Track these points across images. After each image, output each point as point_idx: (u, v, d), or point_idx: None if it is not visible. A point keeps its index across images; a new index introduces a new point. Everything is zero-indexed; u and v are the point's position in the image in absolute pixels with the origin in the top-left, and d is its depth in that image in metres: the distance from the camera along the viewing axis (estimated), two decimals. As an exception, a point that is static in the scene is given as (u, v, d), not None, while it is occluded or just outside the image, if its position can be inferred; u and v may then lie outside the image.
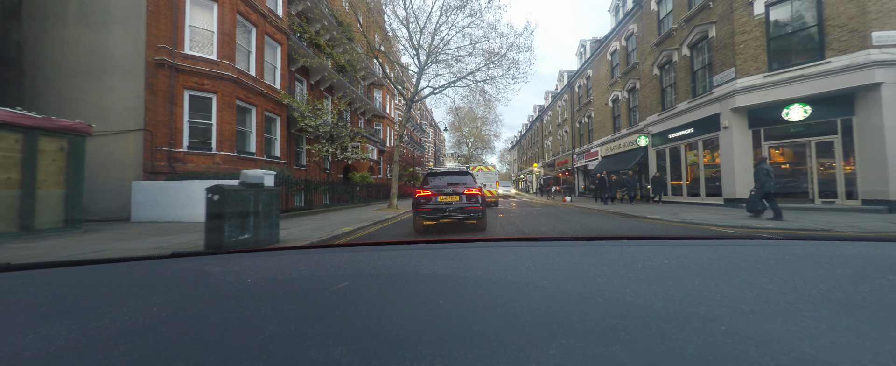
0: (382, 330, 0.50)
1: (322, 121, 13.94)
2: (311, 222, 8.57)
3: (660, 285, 0.69)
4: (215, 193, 4.40)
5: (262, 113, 12.42)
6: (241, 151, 11.49)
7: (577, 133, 27.82)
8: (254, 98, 11.98)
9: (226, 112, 10.65)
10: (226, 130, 10.64)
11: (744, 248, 1.04)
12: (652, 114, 15.81)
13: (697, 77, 12.94)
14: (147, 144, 9.26)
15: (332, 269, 0.89)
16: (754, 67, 10.39)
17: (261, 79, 12.41)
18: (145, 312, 0.59)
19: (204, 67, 10.23)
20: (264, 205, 5.11)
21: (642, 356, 0.41)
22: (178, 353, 0.44)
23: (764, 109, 10.41)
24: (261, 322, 0.54)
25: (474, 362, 0.40)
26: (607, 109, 21.56)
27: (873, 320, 0.51)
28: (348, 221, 8.91)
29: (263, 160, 12.23)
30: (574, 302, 0.61)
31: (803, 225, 6.73)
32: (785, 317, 0.52)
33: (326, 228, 7.66)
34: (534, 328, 0.49)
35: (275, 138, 13.57)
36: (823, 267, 0.80)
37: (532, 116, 51.13)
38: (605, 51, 21.72)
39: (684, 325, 0.50)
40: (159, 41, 9.47)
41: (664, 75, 15.11)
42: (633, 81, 18.00)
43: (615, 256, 0.97)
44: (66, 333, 0.51)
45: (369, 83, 27.58)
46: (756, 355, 0.41)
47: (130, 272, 0.90)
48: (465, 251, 1.08)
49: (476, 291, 0.70)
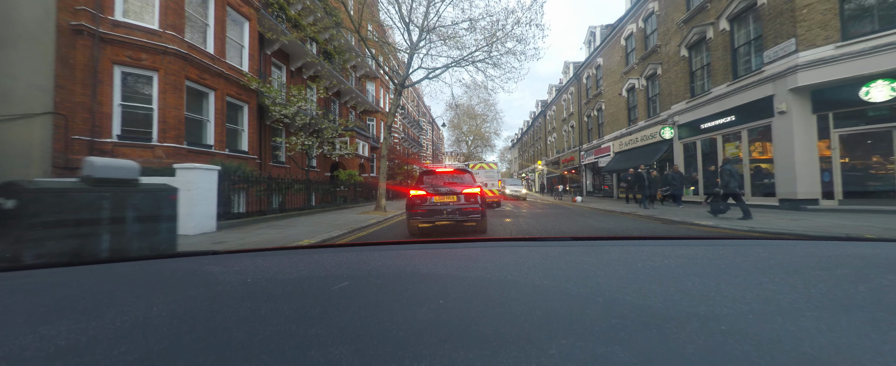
0: (382, 330, 0.50)
1: (297, 109, 11.93)
2: (262, 233, 6.57)
3: (660, 284, 0.69)
4: (7, 197, 2.44)
5: (222, 99, 10.41)
6: (193, 142, 9.49)
7: (585, 128, 25.84)
8: (211, 80, 9.97)
9: (171, 95, 8.65)
10: (171, 116, 8.64)
11: (744, 248, 1.04)
12: (678, 102, 13.84)
13: (739, 55, 10.97)
14: (59, 131, 7.26)
15: (332, 269, 0.88)
16: (823, 37, 8.41)
17: (221, 58, 10.41)
18: (145, 312, 0.58)
19: (141, 38, 8.23)
20: (136, 210, 3.18)
21: (642, 356, 0.41)
22: (178, 353, 0.44)
23: (834, 89, 8.44)
24: (261, 322, 0.53)
25: (474, 362, 0.40)
26: (621, 99, 19.58)
27: (873, 320, 0.50)
28: (316, 230, 6.93)
29: (224, 154, 10.23)
30: (574, 302, 0.61)
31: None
32: (785, 317, 0.52)
33: (280, 240, 5.69)
34: (534, 328, 0.49)
35: (242, 130, 11.57)
36: (823, 267, 0.80)
37: (534, 113, 49.15)
38: (619, 35, 19.73)
39: (684, 325, 0.49)
40: (78, 2, 7.47)
41: (694, 56, 13.13)
42: (653, 67, 16.03)
43: (615, 256, 0.96)
44: (66, 333, 0.50)
45: (361, 74, 25.58)
46: (756, 355, 0.41)
47: (130, 272, 0.91)
48: (465, 251, 1.09)
49: (476, 291, 0.70)
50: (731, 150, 11.28)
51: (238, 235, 6.29)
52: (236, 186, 8.15)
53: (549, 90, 39.61)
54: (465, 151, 46.24)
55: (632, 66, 18.22)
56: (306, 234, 6.43)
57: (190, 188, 6.27)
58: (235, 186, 8.12)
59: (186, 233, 6.03)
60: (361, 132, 21.04)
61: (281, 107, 11.60)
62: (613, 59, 20.70)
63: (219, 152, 10.11)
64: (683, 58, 13.46)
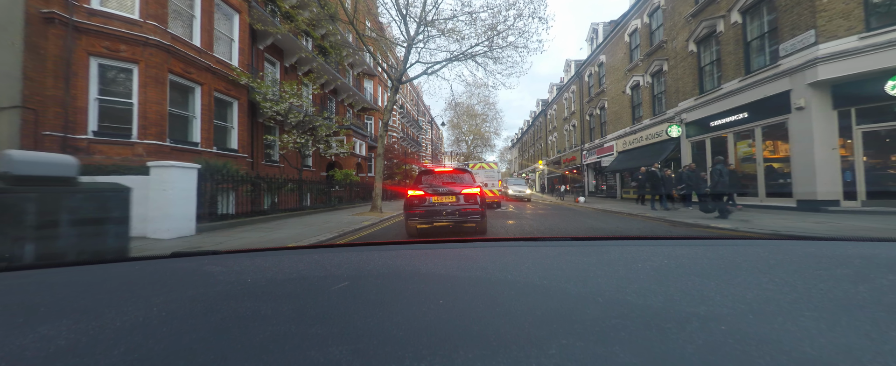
0: (382, 330, 0.50)
1: (289, 105, 11.43)
2: (244, 237, 6.06)
3: (660, 284, 0.68)
4: None
5: (209, 94, 9.90)
6: (178, 140, 8.98)
7: (588, 127, 25.35)
8: (198, 74, 9.46)
9: (152, 89, 8.14)
10: (152, 111, 8.13)
11: (744, 248, 1.03)
12: (686, 99, 13.35)
13: (752, 49, 10.48)
14: (28, 126, 6.74)
15: (332, 269, 0.88)
16: (845, 28, 7.92)
17: (208, 51, 9.91)
18: (145, 312, 0.58)
19: (120, 29, 7.72)
20: (74, 213, 2.69)
21: (642, 356, 0.40)
22: (178, 353, 0.44)
23: (857, 83, 7.95)
24: (261, 322, 0.53)
25: (474, 362, 0.40)
26: (625, 97, 19.10)
27: (873, 320, 0.50)
28: (305, 233, 6.42)
29: (212, 153, 9.72)
30: (574, 302, 0.61)
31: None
32: (785, 317, 0.52)
33: (262, 245, 5.19)
34: (534, 328, 0.49)
35: (231, 127, 11.06)
36: (823, 267, 0.80)
37: (535, 112, 48.67)
38: (623, 31, 19.25)
39: (684, 325, 0.49)
40: (49, -12, 6.97)
41: (703, 51, 12.64)
42: (658, 63, 15.54)
43: (615, 256, 0.95)
44: (66, 333, 0.50)
45: (359, 72, 25.07)
46: (756, 355, 0.40)
47: (130, 272, 0.90)
48: (465, 251, 1.08)
49: (476, 291, 0.69)
50: (744, 148, 10.78)
51: (217, 238, 5.78)
52: (221, 185, 7.64)
53: (549, 89, 39.12)
54: (464, 151, 45.71)
55: (636, 63, 17.73)
56: (293, 237, 5.92)
57: (166, 188, 5.76)
58: (221, 185, 7.61)
59: (160, 237, 5.52)
60: (359, 131, 20.54)
61: (272, 103, 11.09)
62: (617, 57, 20.21)
63: (205, 150, 9.60)
64: (692, 53, 12.97)
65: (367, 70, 25.03)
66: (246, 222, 7.99)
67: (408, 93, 41.72)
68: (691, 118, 13.00)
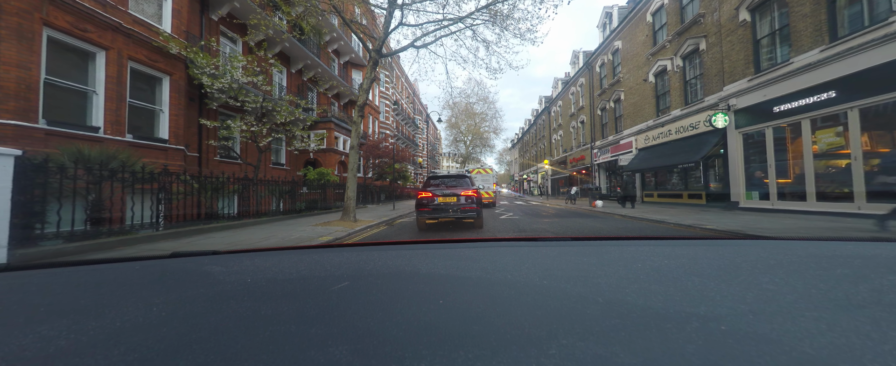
0: (382, 330, 0.49)
1: (237, 83, 8.90)
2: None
3: (660, 284, 0.68)
4: None
5: (123, 64, 7.37)
6: (62, 122, 6.44)
7: (599, 122, 22.90)
8: (98, 34, 6.93)
9: (11, 44, 5.62)
10: (10, 78, 5.61)
11: (744, 248, 1.03)
12: (735, 80, 10.90)
13: (838, 8, 8.03)
14: None
15: (332, 269, 0.87)
16: None
17: (122, 8, 7.39)
18: (145, 312, 0.57)
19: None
20: None
21: (642, 356, 0.40)
22: (177, 353, 0.43)
23: None
24: (261, 322, 0.53)
25: (474, 362, 0.39)
26: (646, 86, 16.65)
27: (873, 320, 0.50)
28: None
29: (124, 142, 7.18)
30: (574, 302, 0.60)
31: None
32: (785, 317, 0.51)
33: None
34: (534, 328, 0.49)
35: (160, 110, 8.51)
36: (823, 267, 0.79)
37: (537, 110, 46.25)
38: (644, 11, 16.82)
39: (684, 325, 0.49)
40: None
41: (760, 20, 10.19)
42: (693, 42, 13.10)
43: (615, 256, 0.95)
44: (66, 333, 0.50)
45: (346, 61, 22.57)
46: (756, 355, 0.40)
47: (130, 272, 0.89)
48: (465, 251, 1.08)
49: (476, 291, 0.69)
50: (828, 138, 8.31)
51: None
52: (93, 185, 5.09)
53: (553, 84, 36.67)
54: (462, 152, 43.18)
55: (662, 46, 15.29)
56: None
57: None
58: (92, 185, 5.07)
59: None
60: (342, 124, 18.01)
61: (212, 79, 8.55)
62: (636, 41, 17.78)
63: (112, 138, 7.05)
64: (744, 24, 10.52)
65: (354, 59, 22.55)
66: (131, 240, 5.43)
67: (402, 88, 39.24)
68: (743, 104, 10.54)
